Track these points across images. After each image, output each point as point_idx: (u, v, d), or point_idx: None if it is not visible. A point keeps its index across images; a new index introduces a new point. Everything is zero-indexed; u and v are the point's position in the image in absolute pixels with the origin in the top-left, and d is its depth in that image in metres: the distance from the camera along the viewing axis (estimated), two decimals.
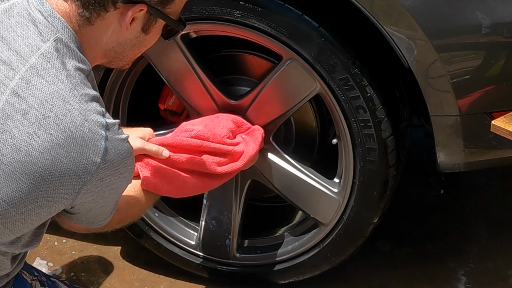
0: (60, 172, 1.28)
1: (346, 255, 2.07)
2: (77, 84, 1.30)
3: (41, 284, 1.59)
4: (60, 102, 1.27)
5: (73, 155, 1.28)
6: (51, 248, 2.40)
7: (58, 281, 1.67)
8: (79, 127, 1.27)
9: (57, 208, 1.34)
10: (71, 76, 1.29)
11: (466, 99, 1.76)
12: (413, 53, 1.71)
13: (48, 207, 1.32)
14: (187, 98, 2.00)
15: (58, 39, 1.31)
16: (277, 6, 1.79)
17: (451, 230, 2.43)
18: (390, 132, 1.87)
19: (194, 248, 2.19)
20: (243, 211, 2.11)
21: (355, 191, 1.95)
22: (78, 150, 1.28)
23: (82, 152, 1.28)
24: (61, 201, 1.32)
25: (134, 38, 1.42)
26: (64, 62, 1.30)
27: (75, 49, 1.33)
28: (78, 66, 1.32)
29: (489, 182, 2.66)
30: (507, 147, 1.61)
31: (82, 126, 1.28)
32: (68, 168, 1.28)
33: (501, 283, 2.22)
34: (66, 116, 1.27)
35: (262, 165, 2.03)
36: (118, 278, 2.29)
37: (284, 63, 1.87)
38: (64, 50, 1.31)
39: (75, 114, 1.27)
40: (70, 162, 1.28)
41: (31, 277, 1.58)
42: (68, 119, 1.27)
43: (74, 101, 1.28)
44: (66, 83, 1.28)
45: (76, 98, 1.28)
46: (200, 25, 1.88)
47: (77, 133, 1.27)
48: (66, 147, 1.27)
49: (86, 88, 1.31)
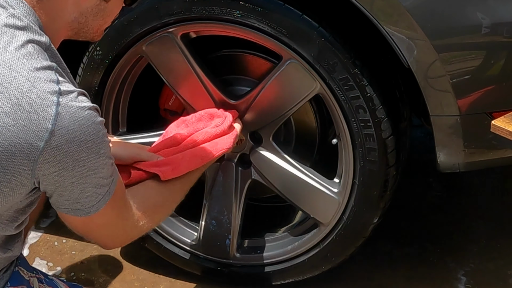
0: (10, 141, 1.26)
1: (346, 255, 2.07)
2: (28, 54, 1.28)
3: (39, 281, 1.59)
4: (6, 70, 1.26)
5: (21, 122, 1.25)
6: (51, 248, 2.40)
7: (57, 279, 1.67)
8: (25, 94, 1.25)
9: (18, 182, 1.31)
10: (21, 47, 1.28)
11: (466, 99, 1.76)
12: (413, 53, 1.71)
13: (7, 181, 1.30)
14: (187, 98, 2.00)
15: (10, 14, 1.31)
16: (277, 6, 1.79)
17: (451, 230, 2.43)
18: (390, 132, 1.87)
19: (194, 248, 2.19)
20: (243, 211, 2.11)
21: (355, 191, 1.95)
22: (26, 117, 1.25)
23: (31, 119, 1.25)
24: (19, 172, 1.29)
25: (95, 6, 1.43)
26: (15, 35, 1.29)
27: (29, 23, 1.32)
28: (33, 38, 1.31)
29: (489, 182, 2.66)
30: (507, 147, 1.61)
31: (30, 92, 1.25)
32: (18, 136, 1.25)
33: (501, 283, 2.22)
34: (11, 84, 1.25)
35: (262, 165, 2.04)
36: (118, 278, 2.29)
37: (284, 63, 1.87)
38: (17, 23, 1.31)
39: (22, 81, 1.26)
40: (19, 131, 1.25)
41: (29, 273, 1.57)
42: (14, 86, 1.25)
43: (21, 69, 1.26)
44: (14, 53, 1.27)
45: (24, 66, 1.27)
46: (200, 25, 1.88)
47: (24, 99, 1.25)
48: (13, 114, 1.25)
49: (39, 58, 1.29)
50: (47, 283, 1.61)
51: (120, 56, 1.99)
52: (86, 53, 1.99)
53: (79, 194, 1.38)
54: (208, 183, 2.11)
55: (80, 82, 2.02)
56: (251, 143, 2.03)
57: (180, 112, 2.13)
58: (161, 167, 1.70)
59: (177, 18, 1.86)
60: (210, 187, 2.11)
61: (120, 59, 1.99)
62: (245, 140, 2.03)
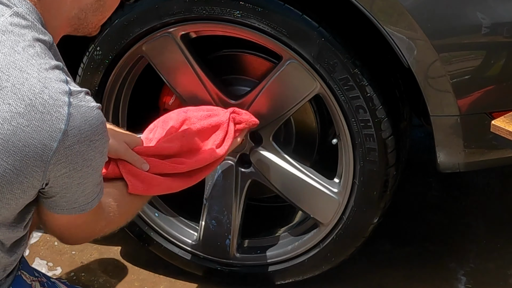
0: (24, 141, 1.25)
1: (346, 255, 2.07)
2: (36, 54, 1.28)
3: (41, 285, 1.58)
4: (17, 72, 1.26)
5: (35, 123, 1.25)
6: (51, 248, 2.40)
7: (59, 282, 1.67)
8: (38, 95, 1.25)
9: (30, 184, 1.31)
10: (29, 47, 1.28)
11: (466, 99, 1.76)
12: (413, 53, 1.71)
13: (19, 183, 1.29)
14: (187, 98, 2.00)
15: (15, 13, 1.31)
16: (277, 6, 1.79)
17: (451, 230, 2.43)
18: (390, 132, 1.87)
19: (194, 248, 2.19)
20: (243, 211, 2.11)
21: (355, 191, 1.95)
22: (40, 118, 1.25)
23: (44, 120, 1.25)
24: (31, 174, 1.29)
25: (95, 2, 1.43)
26: (21, 34, 1.29)
27: (33, 21, 1.32)
28: (38, 37, 1.31)
29: (489, 182, 2.66)
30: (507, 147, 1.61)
31: (42, 93, 1.25)
32: (31, 137, 1.26)
33: (501, 283, 2.22)
34: (24, 85, 1.25)
35: (262, 165, 2.04)
36: (118, 278, 2.29)
37: (284, 63, 1.87)
38: (22, 22, 1.30)
39: (34, 82, 1.26)
40: (33, 131, 1.25)
41: (31, 277, 1.56)
42: (26, 88, 1.25)
43: (32, 70, 1.26)
44: (23, 54, 1.27)
45: (34, 67, 1.27)
46: (200, 25, 1.88)
47: (37, 100, 1.25)
48: (26, 115, 1.25)
49: (46, 58, 1.29)
50: (49, 286, 1.61)
51: (120, 56, 1.99)
52: (86, 53, 1.99)
53: (80, 194, 1.39)
54: (208, 183, 2.11)
55: (80, 82, 2.02)
56: (251, 143, 2.04)
57: None
58: (135, 179, 1.67)
59: (177, 18, 1.86)
60: (210, 187, 2.11)
61: (120, 59, 1.99)
62: (245, 140, 2.03)
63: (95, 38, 1.95)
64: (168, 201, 2.21)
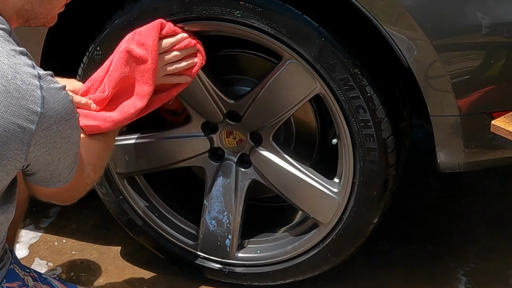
0: (4, 126, 1.30)
1: (346, 255, 2.07)
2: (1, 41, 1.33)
3: (34, 280, 1.61)
4: None
5: (12, 108, 1.30)
6: (51, 248, 2.40)
7: (50, 277, 1.68)
8: (11, 80, 1.30)
9: (12, 166, 1.36)
10: None
11: (466, 99, 1.76)
12: (413, 53, 1.71)
13: (2, 166, 1.35)
14: (187, 97, 2.00)
15: None
16: (277, 6, 1.79)
17: (451, 230, 2.43)
18: (390, 132, 1.87)
19: (194, 248, 2.19)
20: (243, 211, 2.11)
21: (355, 191, 1.95)
22: (16, 103, 1.30)
23: (20, 104, 1.30)
24: (13, 157, 1.34)
25: None
26: None
27: None
28: None
29: (489, 182, 2.66)
30: (507, 147, 1.61)
31: (15, 79, 1.30)
32: (10, 122, 1.30)
33: (501, 283, 2.22)
34: None
35: (262, 165, 2.04)
36: (118, 278, 2.29)
37: (284, 63, 1.87)
38: None
39: (5, 69, 1.30)
40: (11, 116, 1.30)
41: (23, 272, 1.59)
42: None
43: (1, 57, 1.30)
44: None
45: (2, 54, 1.31)
46: (200, 25, 1.88)
47: (11, 86, 1.29)
48: (3, 102, 1.29)
49: (10, 44, 1.34)
50: (42, 281, 1.63)
51: None
52: (86, 53, 1.99)
53: (62, 167, 1.45)
54: (208, 183, 2.11)
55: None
56: (251, 143, 2.04)
57: (180, 112, 2.13)
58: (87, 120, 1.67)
59: (177, 18, 1.86)
60: (210, 187, 2.11)
61: None
62: (245, 140, 2.03)
63: (95, 38, 1.95)
64: (168, 201, 2.21)
